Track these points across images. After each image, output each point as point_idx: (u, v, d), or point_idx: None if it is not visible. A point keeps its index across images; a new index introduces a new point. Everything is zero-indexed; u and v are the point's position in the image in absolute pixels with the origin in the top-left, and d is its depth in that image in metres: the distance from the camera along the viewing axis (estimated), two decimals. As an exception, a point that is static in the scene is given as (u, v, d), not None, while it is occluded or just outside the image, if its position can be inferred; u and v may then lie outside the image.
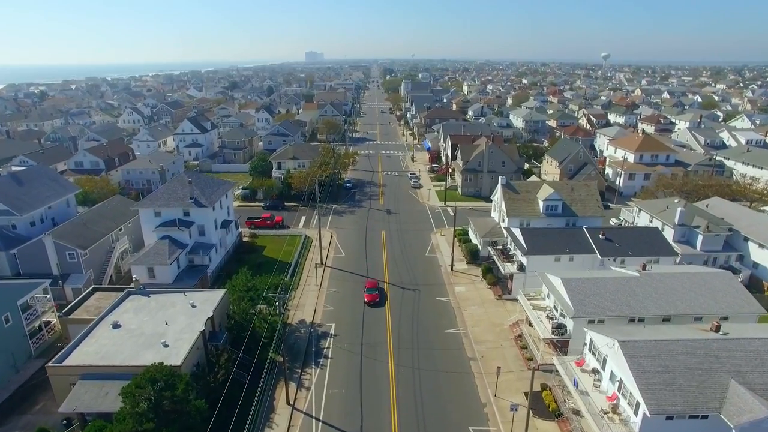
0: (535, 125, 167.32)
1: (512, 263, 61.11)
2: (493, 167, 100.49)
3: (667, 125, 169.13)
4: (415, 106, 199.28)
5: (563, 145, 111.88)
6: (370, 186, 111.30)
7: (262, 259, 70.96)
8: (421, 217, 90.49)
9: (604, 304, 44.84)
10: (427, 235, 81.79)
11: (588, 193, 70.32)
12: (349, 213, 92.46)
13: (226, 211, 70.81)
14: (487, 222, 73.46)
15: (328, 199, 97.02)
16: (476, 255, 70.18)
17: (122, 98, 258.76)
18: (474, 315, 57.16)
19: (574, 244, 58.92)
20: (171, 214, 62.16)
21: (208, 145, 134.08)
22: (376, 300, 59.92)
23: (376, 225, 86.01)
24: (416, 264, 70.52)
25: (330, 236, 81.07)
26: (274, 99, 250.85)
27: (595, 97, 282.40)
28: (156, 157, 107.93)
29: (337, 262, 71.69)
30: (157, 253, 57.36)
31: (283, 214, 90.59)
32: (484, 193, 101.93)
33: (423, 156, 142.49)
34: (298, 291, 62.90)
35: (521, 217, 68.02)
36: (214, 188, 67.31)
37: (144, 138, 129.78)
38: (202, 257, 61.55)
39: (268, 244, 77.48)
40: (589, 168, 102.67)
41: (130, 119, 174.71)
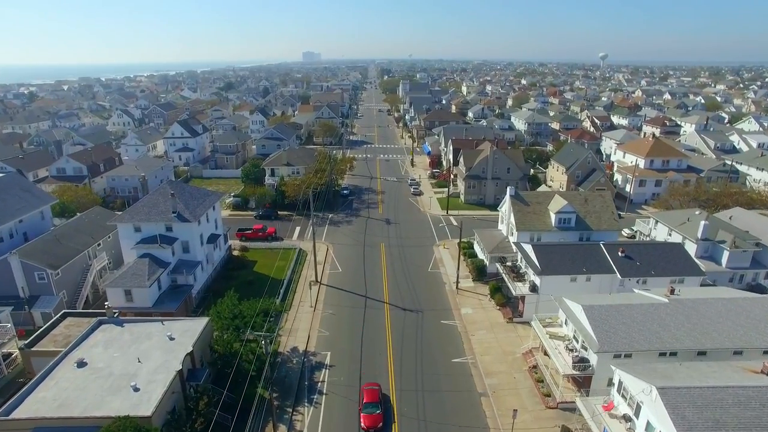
0: (537, 128, 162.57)
1: (524, 283, 56.22)
2: (498, 174, 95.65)
3: (673, 127, 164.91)
4: (414, 108, 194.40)
5: (570, 150, 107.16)
6: (369, 193, 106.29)
7: (252, 276, 65.86)
8: (423, 227, 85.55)
9: (632, 336, 39.99)
10: (430, 247, 76.86)
11: (603, 204, 65.52)
12: (346, 223, 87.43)
13: (213, 225, 65.70)
14: (494, 235, 68.54)
15: (324, 207, 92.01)
16: (483, 271, 65.27)
17: (114, 99, 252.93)
18: (483, 341, 52.23)
19: (591, 262, 54.10)
20: (152, 229, 57.01)
21: (200, 150, 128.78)
22: (378, 425, 39.17)
23: (374, 236, 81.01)
24: (418, 281, 65.57)
25: (326, 250, 76.02)
26: (269, 100, 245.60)
27: (596, 98, 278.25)
28: (143, 162, 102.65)
29: (334, 279, 66.66)
30: (135, 274, 52.21)
31: (276, 224, 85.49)
32: (488, 201, 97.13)
33: (423, 160, 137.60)
34: (291, 313, 57.83)
35: (532, 230, 63.19)
36: (199, 200, 62.18)
37: (132, 142, 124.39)
38: (186, 276, 56.42)
39: (260, 258, 72.38)
40: (598, 174, 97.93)
41: (120, 122, 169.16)
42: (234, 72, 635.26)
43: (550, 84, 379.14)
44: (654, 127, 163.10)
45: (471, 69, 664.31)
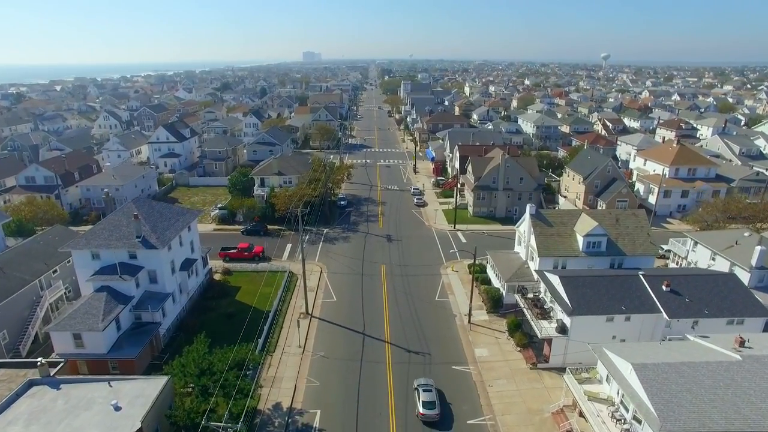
0: (546, 131, 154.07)
1: (549, 322, 47.66)
2: (510, 184, 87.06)
3: (689, 131, 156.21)
4: (416, 110, 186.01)
5: (586, 156, 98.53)
6: (368, 204, 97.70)
7: (234, 307, 57.28)
8: (428, 245, 76.94)
9: (702, 409, 31.38)
10: (436, 270, 68.26)
11: (636, 224, 56.91)
12: (343, 240, 78.81)
13: (188, 248, 57.13)
14: (511, 259, 59.92)
15: (318, 221, 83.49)
16: (499, 302, 56.68)
17: (105, 100, 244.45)
18: (503, 394, 43.63)
19: (630, 299, 45.53)
20: (113, 257, 48.46)
21: (187, 155, 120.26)
22: None
23: (374, 256, 72.43)
24: (424, 313, 56.95)
25: (319, 272, 67.44)
26: (266, 101, 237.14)
27: (604, 100, 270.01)
28: (122, 170, 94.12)
29: (327, 310, 58.05)
30: (87, 313, 43.64)
31: (265, 241, 76.95)
32: (499, 214, 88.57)
33: (426, 165, 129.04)
34: (276, 355, 49.26)
35: (556, 256, 54.57)
36: (170, 221, 53.58)
37: (114, 147, 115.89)
38: (153, 313, 47.85)
39: (245, 283, 63.81)
40: (620, 185, 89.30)
41: (106, 124, 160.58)
42: (233, 72, 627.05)
43: (555, 85, 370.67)
44: (669, 131, 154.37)
45: (472, 69, 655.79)
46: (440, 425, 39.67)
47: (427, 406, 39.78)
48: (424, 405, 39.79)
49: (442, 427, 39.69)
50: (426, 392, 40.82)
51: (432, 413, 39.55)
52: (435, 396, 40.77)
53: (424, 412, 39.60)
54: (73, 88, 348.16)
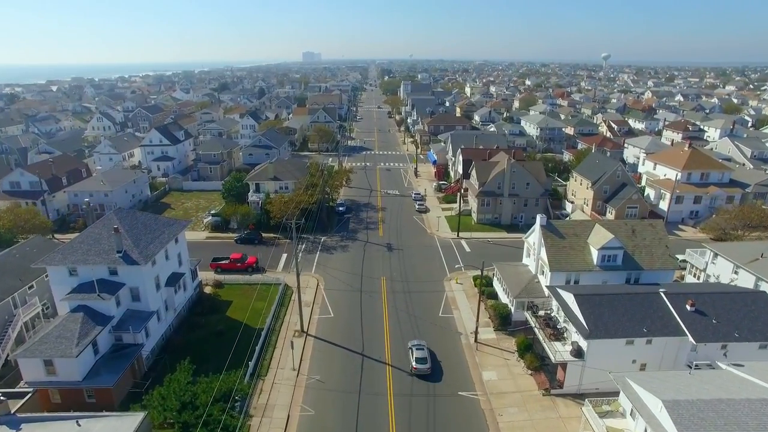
0: (550, 133, 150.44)
1: (563, 343, 44.05)
2: (516, 189, 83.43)
3: (696, 132, 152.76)
4: (417, 111, 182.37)
5: (594, 160, 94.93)
6: (367, 209, 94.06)
7: (224, 324, 53.57)
8: (430, 254, 73.32)
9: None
10: (439, 282, 64.63)
11: (654, 236, 53.29)
12: (341, 249, 75.17)
13: (175, 261, 53.48)
14: (520, 273, 56.27)
15: (315, 228, 79.91)
16: (507, 319, 53.05)
17: (101, 101, 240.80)
18: (515, 425, 39.99)
19: (652, 319, 41.91)
20: (92, 273, 44.82)
21: (181, 158, 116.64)
22: None
23: (374, 267, 68.78)
24: (428, 331, 53.27)
25: (316, 285, 63.81)
26: (264, 102, 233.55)
27: (606, 100, 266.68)
28: (111, 175, 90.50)
29: (324, 327, 54.42)
30: (60, 337, 39.99)
31: (259, 249, 73.33)
32: (504, 221, 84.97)
33: (428, 169, 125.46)
34: (268, 379, 45.63)
35: (568, 270, 50.96)
36: (155, 233, 49.93)
37: (106, 150, 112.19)
38: (134, 334, 44.20)
39: (236, 297, 60.16)
40: (630, 190, 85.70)
41: (100, 125, 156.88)
42: (232, 72, 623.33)
43: (556, 85, 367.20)
44: (676, 132, 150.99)
45: (473, 69, 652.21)
46: (431, 378, 45.67)
47: (420, 361, 45.99)
48: (417, 360, 45.98)
49: (433, 379, 44.79)
50: (419, 350, 47.23)
51: (424, 367, 45.73)
52: (427, 353, 47.13)
53: (417, 366, 45.67)
54: (69, 88, 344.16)
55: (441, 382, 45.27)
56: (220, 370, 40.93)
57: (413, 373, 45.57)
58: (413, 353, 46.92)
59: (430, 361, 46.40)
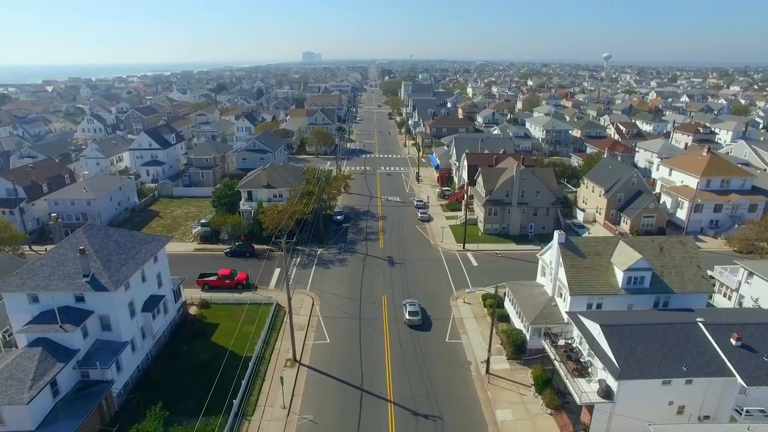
0: (557, 135, 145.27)
1: (588, 380, 38.86)
2: (526, 198, 78.28)
3: (707, 135, 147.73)
4: (418, 112, 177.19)
5: (606, 166, 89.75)
6: (367, 218, 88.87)
7: (208, 352, 48.37)
8: (435, 269, 68.12)
9: None
10: (445, 301, 59.44)
11: (684, 255, 48.11)
12: (339, 263, 69.98)
13: (154, 282, 48.30)
14: (535, 295, 51.06)
15: (311, 240, 74.75)
16: (522, 347, 47.89)
17: (95, 102, 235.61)
18: (536, 479, 34.83)
19: (691, 355, 36.72)
20: (56, 300, 39.61)
21: (172, 163, 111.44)
22: None
23: (374, 284, 63.59)
24: (434, 360, 48.14)
25: (310, 305, 58.62)
26: (261, 103, 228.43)
27: (610, 101, 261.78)
28: (95, 182, 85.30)
29: (319, 355, 49.23)
30: (11, 378, 34.79)
31: (251, 263, 68.12)
32: (513, 231, 79.83)
33: (430, 174, 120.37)
34: (255, 419, 40.44)
35: (590, 294, 45.77)
36: (131, 253, 44.74)
37: (92, 154, 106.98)
38: (104, 370, 39.00)
39: (224, 319, 54.98)
40: (646, 198, 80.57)
41: (90, 128, 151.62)
42: (231, 72, 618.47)
43: (559, 86, 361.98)
44: (686, 135, 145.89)
45: (474, 70, 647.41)
46: (421, 328, 53.79)
47: (412, 314, 54.18)
48: (409, 314, 54.29)
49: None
50: (411, 306, 55.31)
51: (416, 319, 53.97)
52: (418, 308, 55.21)
53: (409, 318, 54.04)
54: (65, 88, 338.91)
55: (450, 421, 40.09)
56: (201, 409, 35.98)
57: (406, 324, 53.83)
58: (406, 308, 55.14)
59: (421, 314, 54.59)
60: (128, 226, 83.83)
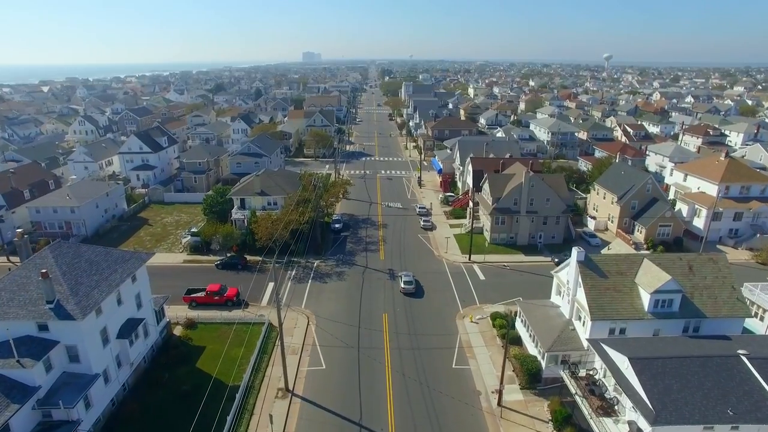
0: (563, 138, 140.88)
1: (616, 421, 34.45)
2: (535, 206, 73.88)
3: (718, 137, 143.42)
4: (419, 113, 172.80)
5: (619, 171, 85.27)
6: (367, 226, 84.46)
7: (192, 381, 43.89)
8: (440, 283, 63.66)
9: None
10: (452, 321, 55.00)
11: (716, 274, 43.67)
12: (337, 276, 65.54)
13: (132, 304, 43.85)
14: (550, 317, 46.63)
15: (307, 250, 70.33)
16: (536, 376, 43.47)
17: (90, 102, 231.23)
18: None
19: (736, 396, 32.29)
20: (14, 329, 35.20)
21: (164, 167, 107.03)
22: None
23: (374, 300, 59.14)
24: (440, 389, 43.67)
25: (305, 324, 54.19)
26: (259, 104, 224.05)
27: (614, 102, 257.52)
28: (80, 188, 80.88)
29: (314, 383, 44.77)
30: (-39, 424, 30.40)
31: (243, 277, 63.72)
32: (521, 241, 75.43)
33: (432, 177, 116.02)
34: (240, 463, 36.03)
35: (613, 318, 41.35)
36: (104, 274, 40.31)
37: (81, 158, 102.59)
38: (69, 410, 34.56)
39: (211, 341, 50.58)
40: (662, 206, 76.15)
41: (82, 130, 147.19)
42: (230, 72, 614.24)
43: (561, 86, 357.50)
44: (695, 137, 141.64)
45: (474, 70, 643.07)
46: (415, 295, 59.91)
47: (407, 283, 59.99)
48: (405, 283, 60.13)
49: (417, 295, 57.81)
50: (406, 276, 61.31)
51: (410, 287, 59.77)
52: (412, 279, 61.18)
53: (404, 287, 59.80)
54: (61, 89, 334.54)
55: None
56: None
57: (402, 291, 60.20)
58: (402, 279, 61.36)
59: (415, 283, 61.11)
60: (115, 234, 79.68)
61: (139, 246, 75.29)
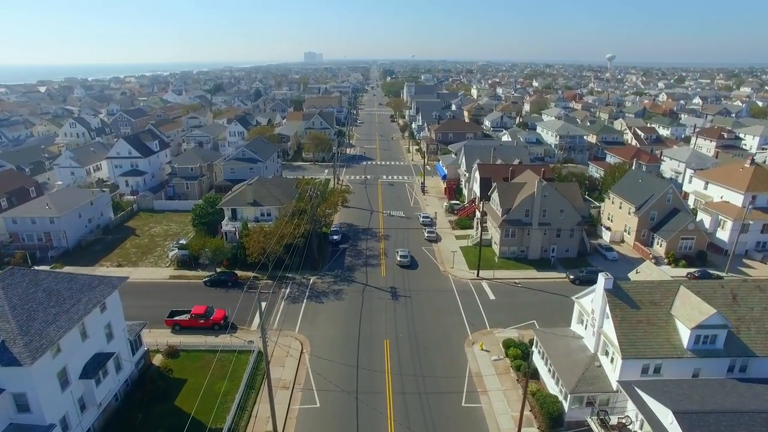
0: (571, 141, 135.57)
1: (660, 486, 29.23)
2: (548, 217, 68.69)
3: (732, 140, 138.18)
4: (422, 115, 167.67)
5: (636, 179, 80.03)
6: (367, 237, 79.32)
7: (170, 422, 38.80)
8: (446, 304, 58.46)
9: None
10: (460, 347, 49.85)
11: (765, 304, 38.40)
12: (334, 295, 60.40)
13: (100, 337, 38.76)
14: (572, 351, 41.42)
15: (303, 265, 65.21)
16: (558, 419, 38.27)
17: (85, 103, 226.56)
18: None
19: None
20: (-44, 373, 30.16)
21: (154, 172, 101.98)
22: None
23: (375, 324, 53.98)
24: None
25: (299, 351, 49.10)
26: (257, 105, 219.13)
27: (621, 103, 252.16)
28: (62, 196, 75.87)
29: (306, 426, 39.60)
30: None
31: (233, 295, 58.65)
32: (532, 255, 70.28)
33: (436, 183, 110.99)
34: None
35: (645, 357, 36.14)
36: (65, 305, 35.21)
37: (66, 163, 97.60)
38: (16, 468, 29.54)
39: (194, 373, 45.46)
40: (684, 218, 70.96)
41: (73, 132, 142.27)
42: (231, 72, 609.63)
43: (565, 87, 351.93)
44: (709, 140, 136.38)
45: (476, 70, 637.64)
46: (410, 267, 67.41)
47: (402, 257, 67.69)
48: (401, 257, 67.90)
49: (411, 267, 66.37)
50: (402, 251, 68.95)
51: (405, 260, 67.34)
52: (407, 254, 68.61)
53: (400, 260, 67.51)
54: (58, 89, 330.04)
55: None
56: None
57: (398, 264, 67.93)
58: (398, 254, 68.95)
59: (410, 258, 68.93)
60: (98, 246, 74.68)
61: (124, 259, 70.37)
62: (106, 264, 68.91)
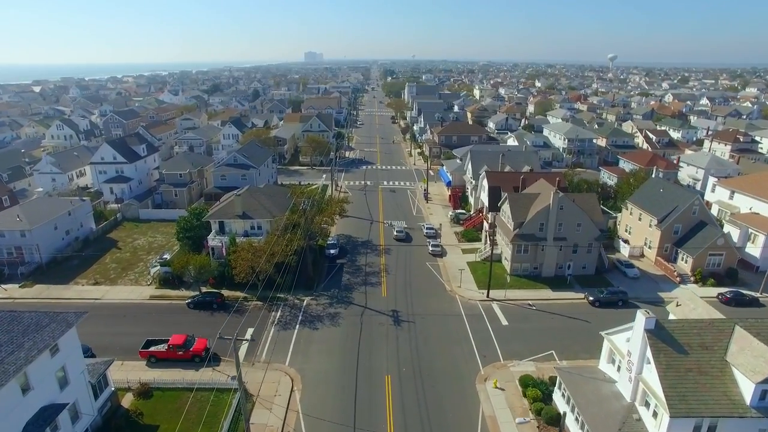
0: (580, 145, 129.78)
1: None
2: (564, 231, 62.86)
3: (748, 144, 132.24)
4: (424, 116, 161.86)
5: (657, 188, 74.20)
6: (366, 251, 73.47)
7: (131, 485, 33.16)
8: (453, 331, 52.59)
9: None
10: (470, 384, 44.01)
11: (832, 348, 32.53)
12: (329, 320, 54.57)
13: (51, 386, 32.96)
14: (604, 398, 35.55)
15: (296, 284, 59.42)
16: (592, 484, 32.44)
17: (78, 103, 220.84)
18: None
19: None
20: None
21: (141, 178, 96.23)
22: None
23: (375, 355, 48.15)
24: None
25: (289, 389, 43.26)
26: (256, 105, 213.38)
27: (626, 104, 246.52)
28: (35, 206, 70.10)
29: (293, 489, 33.91)
30: None
31: (218, 318, 52.96)
32: (546, 272, 64.47)
33: (439, 189, 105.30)
34: None
35: (699, 415, 30.31)
36: (2, 352, 29.40)
37: (47, 169, 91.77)
38: None
39: (168, 417, 39.60)
40: (713, 232, 65.16)
41: (60, 134, 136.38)
42: (230, 72, 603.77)
43: (569, 87, 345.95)
44: (724, 143, 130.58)
45: (478, 70, 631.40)
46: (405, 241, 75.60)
47: (399, 232, 77.14)
48: (397, 231, 77.47)
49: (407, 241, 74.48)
50: (398, 226, 79.71)
51: (401, 235, 76.47)
52: (403, 230, 78.26)
53: (396, 235, 76.64)
54: (54, 88, 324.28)
55: None
56: None
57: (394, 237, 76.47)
58: (394, 229, 78.67)
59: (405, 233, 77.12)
60: (75, 261, 69.02)
61: (102, 276, 64.68)
62: (81, 282, 63.17)
